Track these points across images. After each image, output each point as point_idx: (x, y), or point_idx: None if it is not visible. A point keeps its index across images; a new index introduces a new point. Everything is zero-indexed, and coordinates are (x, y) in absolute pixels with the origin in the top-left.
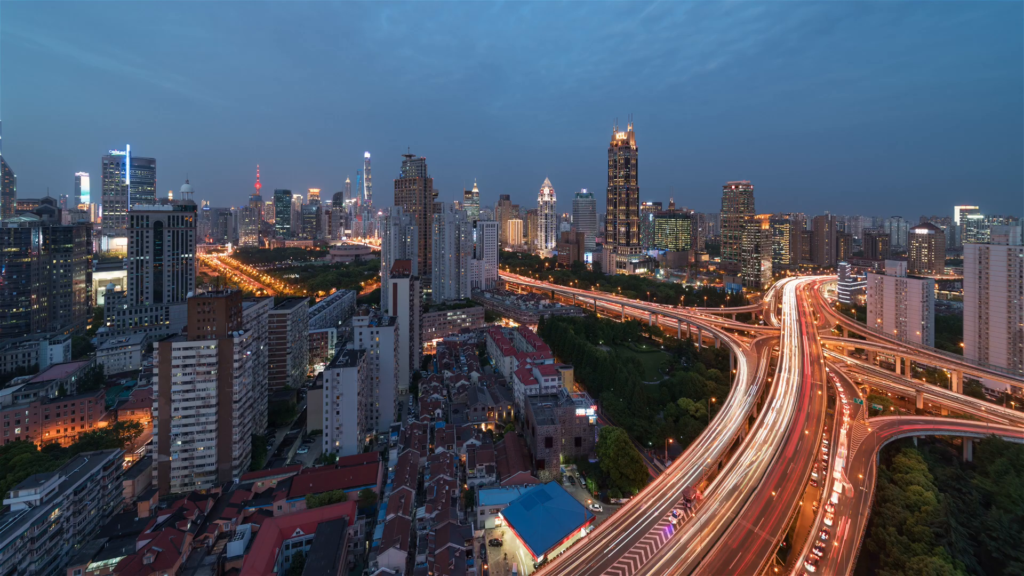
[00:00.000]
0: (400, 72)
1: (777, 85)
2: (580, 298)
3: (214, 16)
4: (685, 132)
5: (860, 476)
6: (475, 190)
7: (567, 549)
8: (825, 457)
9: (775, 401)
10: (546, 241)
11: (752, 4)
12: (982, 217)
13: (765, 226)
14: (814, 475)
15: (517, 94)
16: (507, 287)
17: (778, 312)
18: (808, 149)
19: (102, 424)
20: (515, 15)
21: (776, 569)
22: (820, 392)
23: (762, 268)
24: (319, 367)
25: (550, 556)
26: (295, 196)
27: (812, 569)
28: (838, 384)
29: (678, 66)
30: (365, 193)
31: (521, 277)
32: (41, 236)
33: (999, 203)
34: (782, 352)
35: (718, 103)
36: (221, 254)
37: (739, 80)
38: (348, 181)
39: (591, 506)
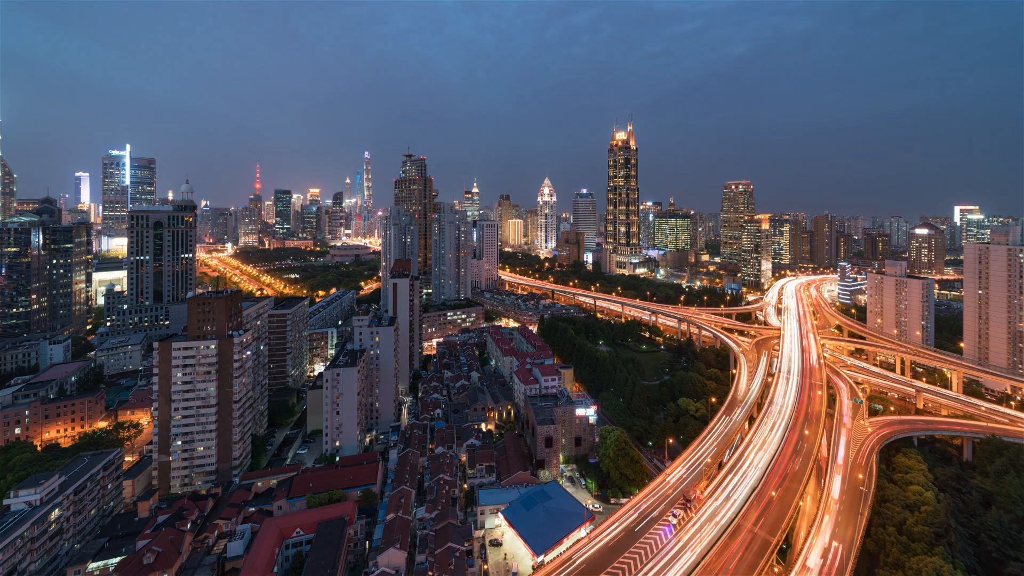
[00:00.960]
0: (407, 113)
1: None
2: (580, 298)
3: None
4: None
5: (860, 476)
6: (475, 190)
7: (567, 549)
8: (825, 457)
9: (775, 401)
10: (546, 241)
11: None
12: (982, 217)
13: (765, 226)
14: (814, 475)
15: (505, 128)
16: (507, 287)
17: (778, 312)
18: (805, 150)
19: (102, 424)
20: (494, 88)
21: (776, 569)
22: (820, 392)
23: (762, 268)
24: (319, 367)
25: (550, 556)
26: (295, 196)
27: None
28: (838, 384)
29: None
30: (365, 193)
31: (521, 277)
32: (41, 236)
33: (999, 203)
34: (782, 352)
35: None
36: (221, 254)
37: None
38: (348, 181)
39: (591, 506)
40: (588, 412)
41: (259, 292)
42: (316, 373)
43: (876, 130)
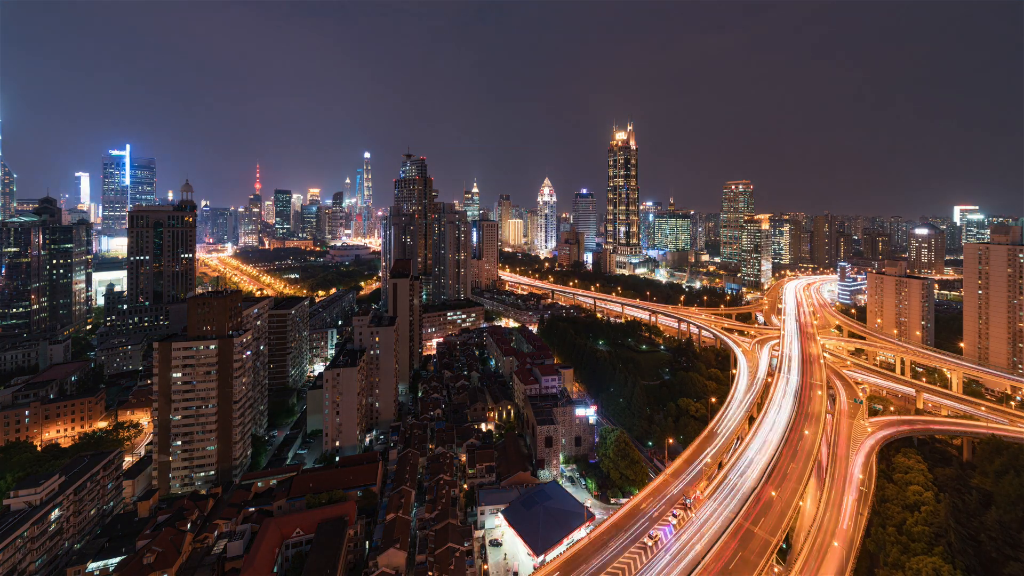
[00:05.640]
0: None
1: None
2: (580, 298)
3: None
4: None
5: (860, 476)
6: (475, 190)
7: (567, 549)
8: (824, 457)
9: (775, 401)
10: (546, 241)
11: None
12: (982, 217)
13: (765, 226)
14: (814, 475)
15: (505, 127)
16: (507, 287)
17: (778, 312)
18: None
19: (102, 424)
20: (493, 85)
21: (776, 569)
22: (820, 392)
23: (762, 268)
24: (319, 367)
25: (550, 556)
26: (295, 196)
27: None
28: (838, 384)
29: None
30: (365, 193)
31: (521, 277)
32: (41, 236)
33: (999, 203)
34: (782, 352)
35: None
36: (221, 254)
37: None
38: (348, 181)
39: (591, 506)
40: (588, 412)
41: (259, 292)
42: (316, 373)
43: (877, 129)
